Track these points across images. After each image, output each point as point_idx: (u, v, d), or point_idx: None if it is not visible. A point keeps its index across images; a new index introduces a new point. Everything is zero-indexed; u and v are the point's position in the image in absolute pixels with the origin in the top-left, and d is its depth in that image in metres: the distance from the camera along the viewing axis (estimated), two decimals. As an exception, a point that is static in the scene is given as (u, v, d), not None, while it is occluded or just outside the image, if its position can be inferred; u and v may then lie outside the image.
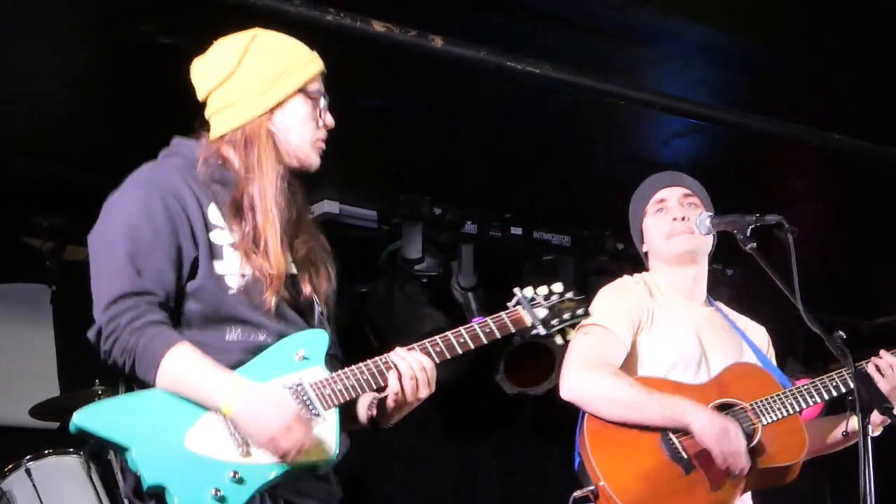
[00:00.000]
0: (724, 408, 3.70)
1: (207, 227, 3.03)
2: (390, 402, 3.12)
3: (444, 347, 3.12)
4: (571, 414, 3.82)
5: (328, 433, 2.99)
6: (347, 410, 3.13)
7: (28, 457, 5.47)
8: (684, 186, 3.94)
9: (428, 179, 6.70)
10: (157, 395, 2.89)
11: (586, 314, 3.30)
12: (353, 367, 3.08)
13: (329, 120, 3.19)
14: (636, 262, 4.11)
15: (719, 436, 3.56)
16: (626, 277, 3.97)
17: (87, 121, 5.61)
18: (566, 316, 3.25)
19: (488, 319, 3.19)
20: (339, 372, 3.05)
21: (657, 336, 3.80)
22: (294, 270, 3.12)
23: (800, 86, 5.61)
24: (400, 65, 5.16)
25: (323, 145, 3.20)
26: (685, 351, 3.79)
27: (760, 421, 3.66)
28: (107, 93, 5.36)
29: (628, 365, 3.77)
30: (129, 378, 2.95)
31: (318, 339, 3.08)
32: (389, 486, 7.75)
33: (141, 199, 3.00)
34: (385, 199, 6.78)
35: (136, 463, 2.83)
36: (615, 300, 3.84)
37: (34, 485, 5.37)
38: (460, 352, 3.14)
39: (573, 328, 3.30)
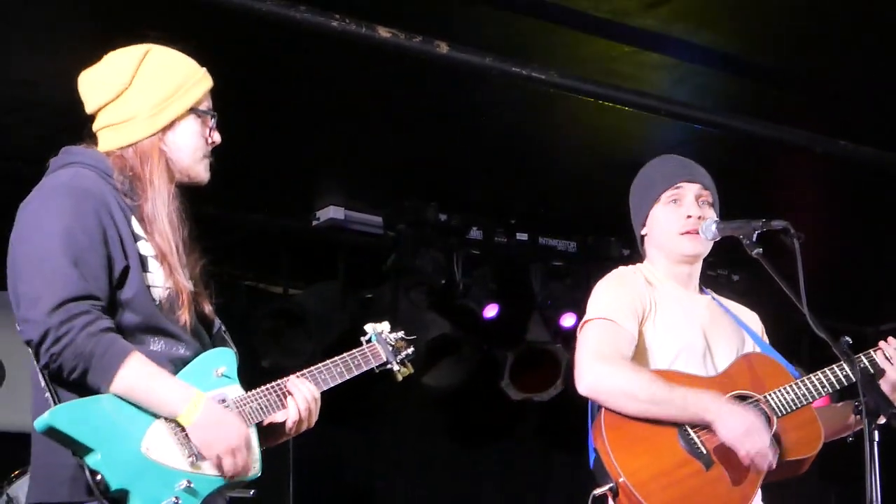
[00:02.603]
0: (738, 400, 3.61)
1: (135, 238, 3.03)
2: (289, 427, 3.17)
3: (327, 377, 3.23)
4: (576, 419, 3.80)
5: (254, 449, 3.05)
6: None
7: (34, 462, 5.46)
8: (701, 184, 3.82)
9: (433, 185, 6.70)
10: (110, 400, 2.89)
11: (415, 353, 3.48)
12: (259, 389, 3.14)
13: (216, 137, 3.20)
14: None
15: (743, 435, 3.49)
16: (621, 269, 3.87)
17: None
18: (404, 354, 3.44)
19: (356, 352, 3.33)
20: (252, 392, 3.11)
21: (661, 326, 3.73)
22: (192, 288, 3.13)
23: (804, 92, 5.61)
24: (405, 70, 5.16)
25: (211, 159, 3.21)
26: (690, 341, 3.72)
27: (776, 413, 3.60)
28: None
29: (636, 357, 3.70)
30: (61, 381, 2.92)
31: (231, 358, 3.14)
32: (394, 491, 7.75)
33: (72, 205, 2.96)
34: (390, 204, 6.79)
35: (102, 466, 2.84)
36: (617, 292, 3.75)
37: (40, 490, 5.37)
38: (339, 381, 3.25)
39: (405, 366, 3.46)
